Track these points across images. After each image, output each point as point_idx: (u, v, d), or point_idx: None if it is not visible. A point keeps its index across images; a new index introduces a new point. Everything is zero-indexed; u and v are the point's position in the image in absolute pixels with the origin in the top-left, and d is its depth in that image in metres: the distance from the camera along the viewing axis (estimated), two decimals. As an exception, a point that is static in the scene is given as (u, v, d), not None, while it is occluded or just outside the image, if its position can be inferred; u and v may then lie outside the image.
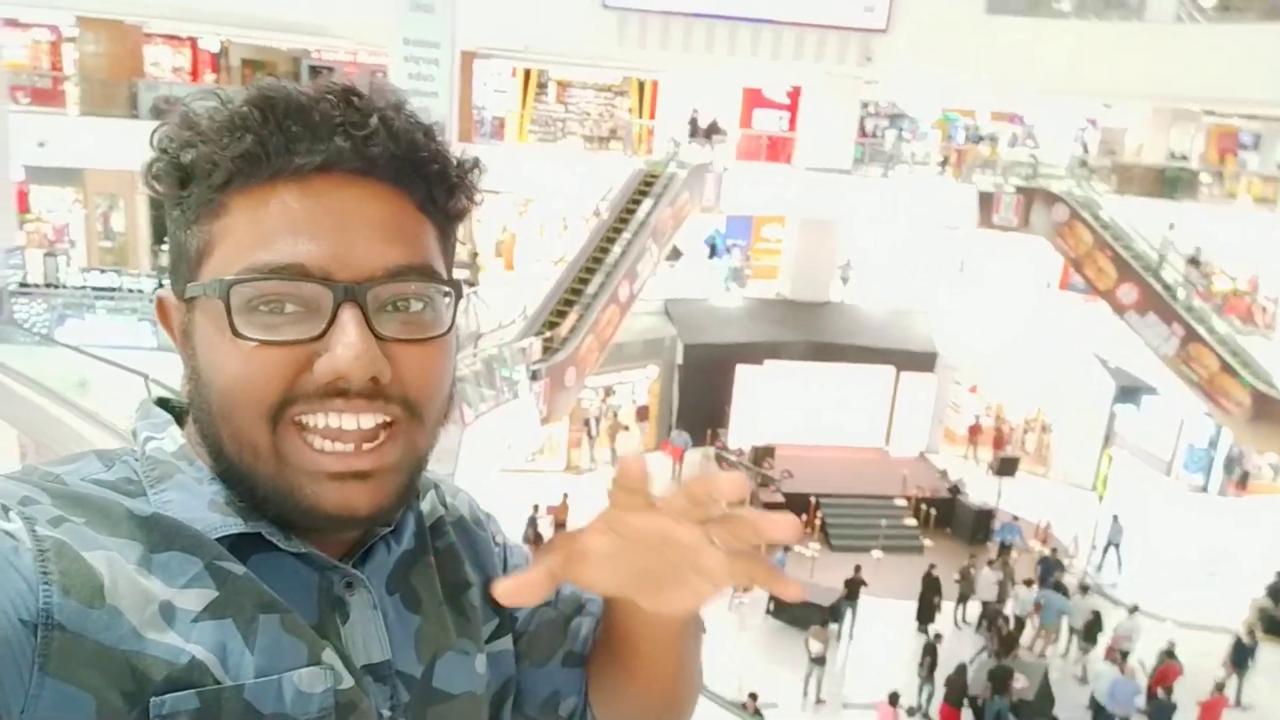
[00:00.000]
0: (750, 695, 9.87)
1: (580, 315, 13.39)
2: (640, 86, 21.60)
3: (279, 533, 0.66)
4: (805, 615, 12.04)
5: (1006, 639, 12.31)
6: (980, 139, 23.00)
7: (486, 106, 20.15)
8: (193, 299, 0.65)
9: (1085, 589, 13.38)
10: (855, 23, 16.40)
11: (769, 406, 17.58)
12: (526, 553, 0.91)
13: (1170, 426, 15.96)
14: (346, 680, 0.66)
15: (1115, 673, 11.22)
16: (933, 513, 16.06)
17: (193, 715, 0.58)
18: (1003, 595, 13.36)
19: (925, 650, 11.65)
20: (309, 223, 0.63)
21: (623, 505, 0.62)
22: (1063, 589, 13.31)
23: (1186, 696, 11.09)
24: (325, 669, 0.65)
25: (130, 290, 10.83)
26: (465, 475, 9.11)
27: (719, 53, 16.58)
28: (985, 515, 15.98)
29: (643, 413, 18.15)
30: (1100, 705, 11.17)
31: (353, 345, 0.62)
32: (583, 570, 0.64)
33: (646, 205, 14.92)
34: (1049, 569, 14.04)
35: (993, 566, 13.86)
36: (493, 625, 0.83)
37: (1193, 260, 16.36)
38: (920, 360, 18.56)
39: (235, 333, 0.62)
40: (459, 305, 0.70)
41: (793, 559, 14.05)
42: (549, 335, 12.92)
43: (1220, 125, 21.08)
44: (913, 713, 11.50)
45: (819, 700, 11.55)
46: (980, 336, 18.14)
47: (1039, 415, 19.49)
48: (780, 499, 15.45)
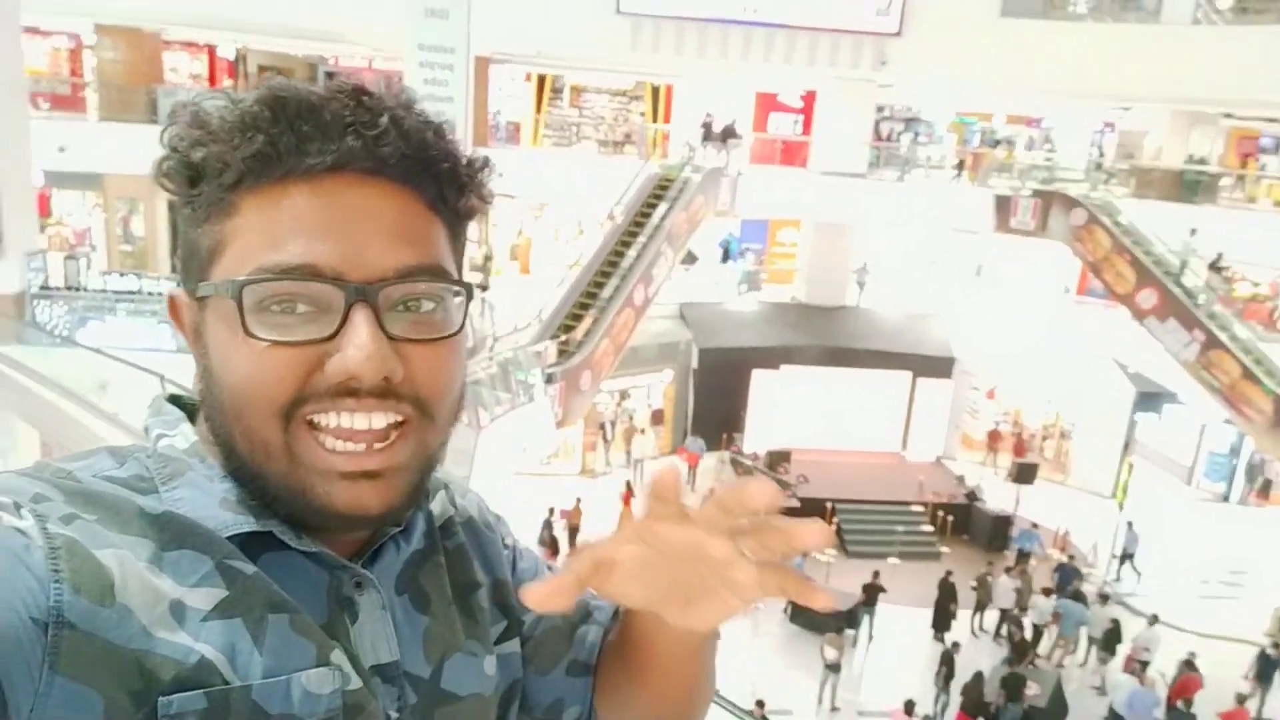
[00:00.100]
0: (757, 703, 9.80)
1: (595, 319, 13.41)
2: (654, 91, 21.64)
3: (290, 531, 0.66)
4: (823, 620, 11.98)
5: (1019, 645, 12.19)
6: (996, 142, 22.88)
7: (501, 112, 20.26)
8: (204, 298, 0.65)
9: (1104, 598, 13.23)
10: (869, 27, 16.37)
11: (784, 411, 17.52)
12: (537, 556, 0.90)
13: (1191, 434, 15.79)
14: (354, 681, 0.66)
15: (1134, 684, 11.08)
16: (950, 519, 15.93)
17: (200, 715, 0.58)
18: (1021, 603, 13.23)
19: (942, 659, 11.55)
20: (321, 223, 0.63)
21: (655, 515, 0.61)
22: (1081, 598, 13.16)
23: (1206, 708, 10.95)
24: (333, 670, 0.64)
25: (150, 293, 10.99)
26: (480, 478, 9.14)
27: (733, 57, 16.58)
28: (1003, 522, 15.84)
29: (658, 417, 18.13)
30: (1119, 716, 11.01)
31: (365, 346, 0.62)
32: (610, 581, 0.62)
33: (661, 209, 14.93)
34: (1067, 577, 13.89)
35: (1010, 574, 13.72)
36: (501, 627, 0.82)
37: (1215, 265, 16.17)
38: (937, 365, 18.44)
39: (248, 333, 0.62)
40: (470, 305, 0.69)
41: (808, 565, 13.98)
42: (564, 339, 12.95)
43: (1240, 128, 20.86)
44: (928, 721, 11.41)
45: (834, 708, 11.47)
46: (998, 341, 17.99)
47: (1058, 421, 19.32)
48: (796, 504, 15.39)
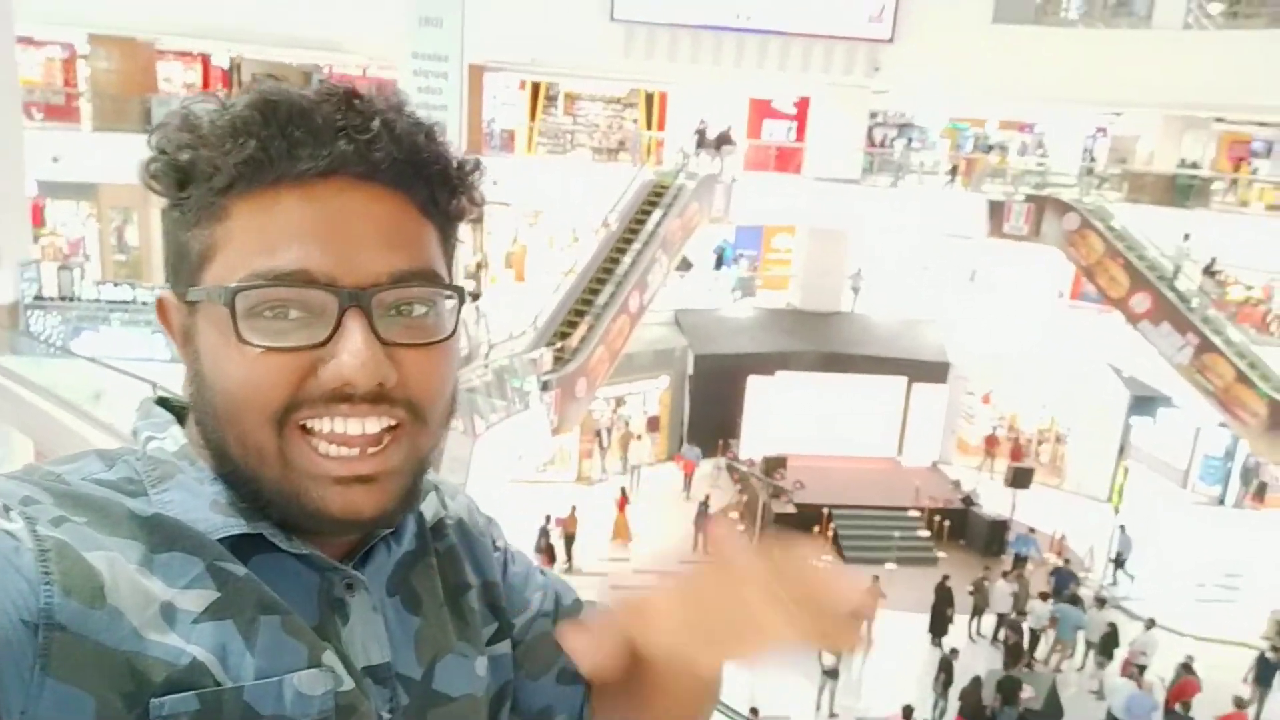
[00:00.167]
0: (751, 710, 9.77)
1: (591, 326, 13.42)
2: (649, 98, 21.69)
3: (280, 534, 0.66)
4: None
5: (1014, 649, 12.18)
6: (989, 148, 22.98)
7: (496, 120, 20.29)
8: (195, 302, 0.65)
9: (1101, 602, 13.23)
10: (862, 33, 16.44)
11: (780, 417, 17.53)
12: (528, 559, 0.90)
13: (1186, 437, 15.81)
14: (346, 682, 0.66)
15: (1132, 687, 11.08)
16: (946, 524, 15.93)
17: (192, 717, 0.58)
18: (1018, 608, 13.23)
19: (940, 665, 11.54)
20: (313, 228, 0.63)
21: (709, 575, 0.63)
22: (1078, 602, 13.17)
23: (1204, 712, 10.95)
24: (325, 671, 0.64)
25: (144, 303, 10.92)
26: (476, 486, 9.12)
27: (726, 64, 16.64)
28: (1000, 527, 15.85)
29: (654, 423, 18.13)
30: (1117, 720, 11.04)
31: (359, 352, 0.62)
32: (643, 629, 0.65)
33: (656, 216, 14.96)
34: (1063, 581, 13.89)
35: (1007, 579, 13.72)
36: (492, 629, 0.82)
37: (1208, 269, 16.23)
38: (932, 370, 18.48)
39: (241, 339, 0.61)
40: (463, 310, 0.69)
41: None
42: (560, 346, 12.95)
43: (1232, 133, 20.96)
44: (926, 726, 11.39)
45: (832, 714, 11.46)
46: (992, 346, 18.04)
47: (1053, 426, 19.35)
48: (792, 510, 15.39)
